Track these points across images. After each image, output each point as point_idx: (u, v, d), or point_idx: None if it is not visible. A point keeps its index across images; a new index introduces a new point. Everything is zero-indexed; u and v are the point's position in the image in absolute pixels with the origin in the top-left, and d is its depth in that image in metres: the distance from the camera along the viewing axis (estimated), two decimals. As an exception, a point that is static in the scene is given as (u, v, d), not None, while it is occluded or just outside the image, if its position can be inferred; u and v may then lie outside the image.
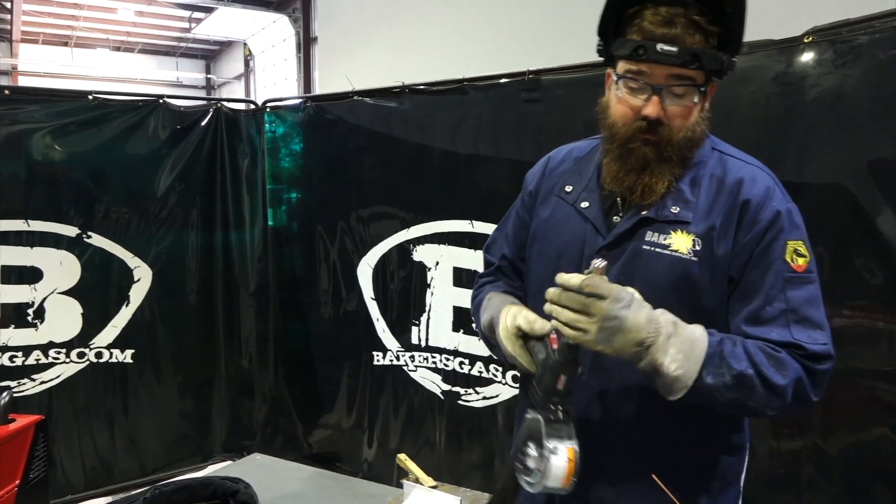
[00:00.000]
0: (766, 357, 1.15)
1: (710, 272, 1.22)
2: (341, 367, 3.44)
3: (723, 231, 1.23)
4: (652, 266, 1.24)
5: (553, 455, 1.09)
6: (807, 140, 2.04)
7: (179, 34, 15.86)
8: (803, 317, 1.19)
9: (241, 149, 3.66)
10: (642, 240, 1.26)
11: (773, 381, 1.13)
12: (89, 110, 3.29)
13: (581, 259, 1.32)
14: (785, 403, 1.16)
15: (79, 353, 3.30)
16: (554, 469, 1.09)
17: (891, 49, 1.87)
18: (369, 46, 8.41)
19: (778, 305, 1.19)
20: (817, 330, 1.19)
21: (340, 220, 3.36)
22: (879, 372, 1.95)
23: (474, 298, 1.55)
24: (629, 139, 1.24)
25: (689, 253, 1.22)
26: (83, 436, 3.34)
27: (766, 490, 2.19)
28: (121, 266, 3.37)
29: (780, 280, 1.19)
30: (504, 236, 1.55)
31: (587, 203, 1.34)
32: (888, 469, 1.94)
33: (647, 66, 1.19)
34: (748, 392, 1.14)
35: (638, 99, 1.22)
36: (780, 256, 1.20)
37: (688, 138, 1.23)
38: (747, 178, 1.25)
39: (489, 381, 2.91)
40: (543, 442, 1.11)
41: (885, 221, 1.88)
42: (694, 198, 1.25)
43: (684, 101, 1.21)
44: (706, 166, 1.28)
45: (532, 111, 2.68)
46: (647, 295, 1.22)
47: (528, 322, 1.24)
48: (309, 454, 3.51)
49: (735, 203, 1.23)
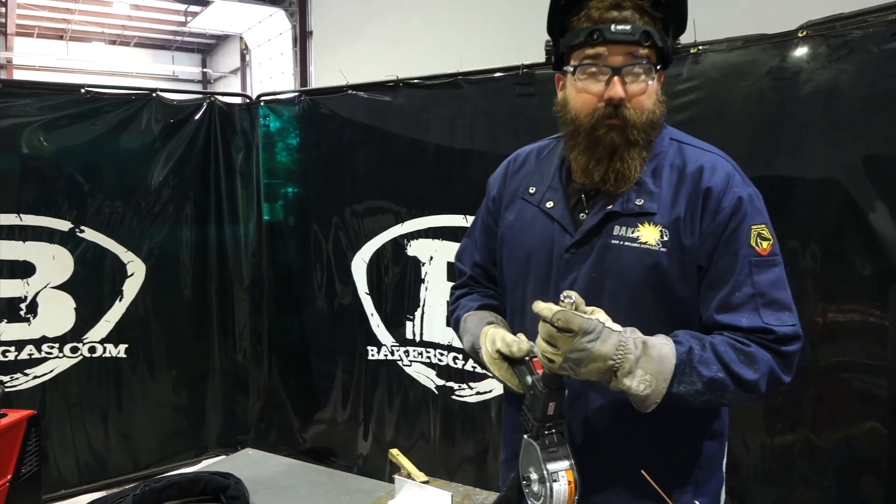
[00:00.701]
0: (736, 354, 1.16)
1: (679, 262, 1.23)
2: (336, 362, 3.44)
3: (688, 220, 1.23)
4: (622, 260, 1.25)
5: (555, 482, 1.13)
6: (801, 135, 2.04)
7: (175, 28, 15.79)
8: (771, 300, 1.20)
9: (235, 143, 3.65)
10: (611, 234, 1.26)
11: (746, 378, 1.15)
12: (82, 104, 3.28)
13: (551, 260, 1.32)
14: (759, 394, 1.18)
15: (72, 347, 3.30)
16: (556, 495, 1.13)
17: (884, 43, 1.86)
18: (365, 40, 8.38)
19: (746, 290, 1.20)
20: (785, 311, 1.21)
21: (335, 214, 3.35)
22: (870, 366, 1.95)
23: (451, 314, 1.55)
24: (594, 128, 1.23)
25: (657, 244, 1.23)
26: (76, 431, 3.34)
27: (759, 485, 2.20)
28: (114, 260, 3.36)
29: (746, 265, 1.21)
30: (473, 243, 1.55)
31: (552, 203, 1.34)
32: (878, 463, 1.95)
33: (605, 49, 1.20)
34: (721, 392, 1.16)
35: (598, 84, 1.22)
36: (745, 242, 1.21)
37: (650, 120, 1.24)
38: (707, 166, 1.26)
39: (482, 376, 2.91)
40: (543, 468, 1.14)
41: (878, 217, 1.88)
42: (657, 189, 1.26)
43: (642, 81, 1.22)
44: (666, 157, 1.29)
45: (526, 105, 2.67)
46: (618, 289, 1.25)
47: (507, 345, 1.25)
48: (304, 449, 3.52)
49: (697, 191, 1.24)
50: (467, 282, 1.55)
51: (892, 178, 1.86)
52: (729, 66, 2.19)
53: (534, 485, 1.16)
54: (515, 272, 1.39)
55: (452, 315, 1.53)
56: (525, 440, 1.19)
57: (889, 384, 1.92)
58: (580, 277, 1.28)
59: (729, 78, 2.18)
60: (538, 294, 1.32)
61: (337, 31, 9.46)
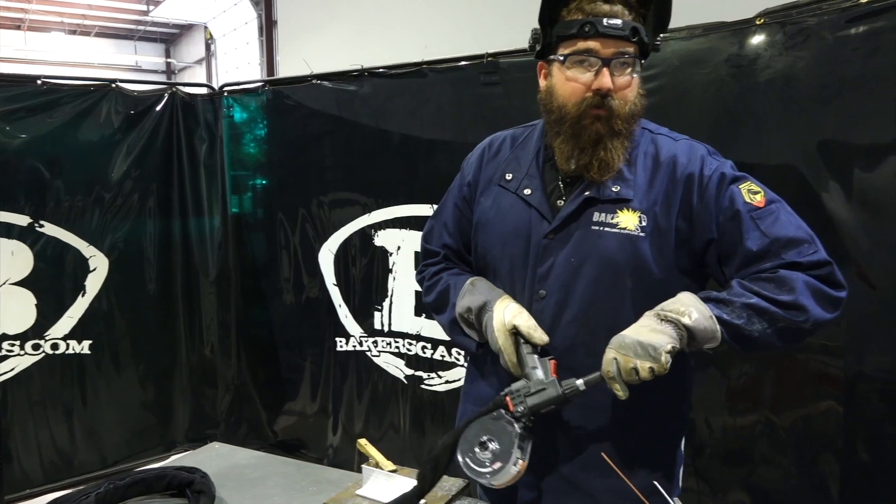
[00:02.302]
0: (763, 283, 1.21)
1: (657, 246, 1.28)
2: (304, 354, 3.43)
3: (665, 207, 1.29)
4: (603, 245, 1.29)
5: (513, 466, 1.19)
6: (759, 121, 2.07)
7: (137, 17, 15.46)
8: (786, 240, 1.24)
9: (199, 134, 3.59)
10: (590, 220, 1.30)
11: (782, 300, 1.18)
12: (39, 96, 3.19)
13: (528, 246, 1.35)
14: (812, 313, 1.19)
15: (33, 345, 3.23)
16: (506, 476, 1.19)
17: (838, 31, 1.90)
18: (331, 29, 8.30)
19: (761, 241, 1.24)
20: (804, 244, 1.24)
21: (301, 205, 3.32)
22: (827, 347, 2.00)
23: (433, 282, 1.54)
24: (580, 116, 1.28)
25: (637, 229, 1.28)
26: (40, 429, 3.28)
27: (721, 465, 2.25)
28: (75, 255, 3.30)
29: (750, 220, 1.25)
30: (443, 226, 1.56)
31: (529, 190, 1.38)
32: (835, 440, 2.00)
33: (596, 41, 1.24)
34: (770, 317, 1.19)
35: (587, 74, 1.26)
36: (742, 202, 1.26)
37: (632, 112, 1.29)
38: (681, 153, 1.32)
39: (451, 364, 2.92)
40: (512, 451, 1.19)
41: (832, 201, 1.92)
42: (631, 176, 1.31)
43: (628, 74, 1.27)
44: (639, 146, 1.35)
45: (491, 94, 2.67)
46: (599, 273, 1.28)
47: (528, 327, 1.28)
48: (274, 442, 3.50)
49: (674, 181, 1.29)
50: (440, 259, 1.56)
51: (846, 163, 1.91)
52: (689, 53, 2.21)
53: (486, 453, 1.20)
54: (491, 257, 1.42)
55: (434, 284, 1.53)
56: (503, 415, 1.23)
57: (844, 364, 1.98)
58: (557, 262, 1.32)
59: (689, 65, 2.21)
60: (515, 279, 1.37)
61: (303, 20, 9.35)
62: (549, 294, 1.33)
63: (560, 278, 1.31)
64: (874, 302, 1.89)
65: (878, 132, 1.84)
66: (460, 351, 2.88)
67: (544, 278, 1.33)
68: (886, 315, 1.87)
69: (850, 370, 1.97)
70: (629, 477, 1.17)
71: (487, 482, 1.20)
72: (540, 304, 1.33)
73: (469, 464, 1.21)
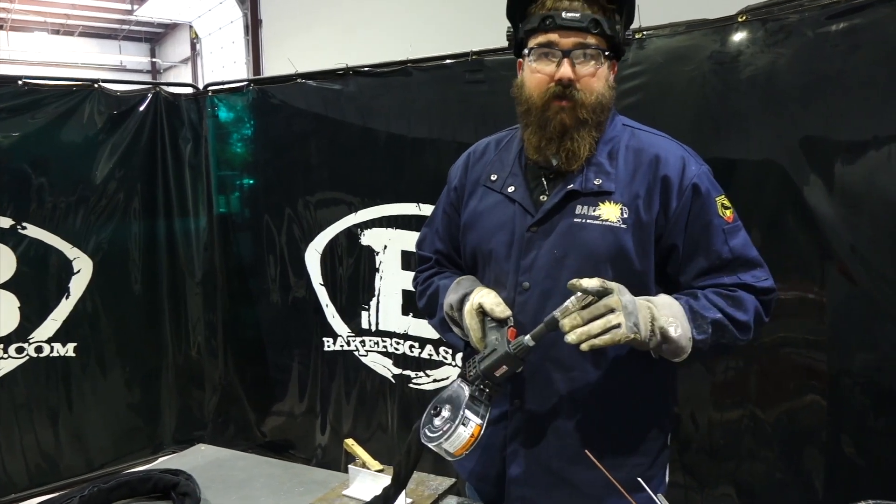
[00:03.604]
0: (725, 300, 1.28)
1: (639, 238, 1.31)
2: (292, 354, 3.41)
3: (646, 200, 1.32)
4: (586, 237, 1.32)
5: (462, 425, 1.16)
6: (742, 117, 2.08)
7: (122, 16, 15.33)
8: (745, 260, 1.32)
9: (183, 134, 3.57)
10: (573, 213, 1.33)
11: (740, 320, 1.27)
12: (20, 96, 3.16)
13: (512, 240, 1.38)
14: (751, 335, 1.30)
15: (17, 348, 3.20)
16: (456, 436, 1.16)
17: (818, 28, 1.91)
18: (317, 28, 8.27)
19: (725, 256, 1.31)
20: (758, 268, 1.34)
21: (287, 205, 3.31)
22: (810, 341, 2.02)
23: (425, 286, 1.58)
24: (545, 107, 1.31)
25: (618, 221, 1.31)
26: (25, 433, 3.25)
27: (707, 460, 2.26)
28: (59, 257, 3.27)
29: (720, 233, 1.31)
30: (434, 232, 1.61)
31: (513, 187, 1.41)
32: (819, 433, 2.02)
33: (556, 34, 1.29)
34: (723, 333, 1.27)
35: (550, 65, 1.30)
36: (715, 213, 1.32)
37: (599, 102, 1.31)
38: (662, 152, 1.35)
39: (439, 363, 2.92)
40: (460, 411, 1.17)
41: (814, 196, 1.94)
42: (613, 169, 1.35)
43: (592, 64, 1.30)
44: (621, 140, 1.38)
45: (476, 92, 2.67)
46: (581, 264, 1.31)
47: (492, 304, 1.31)
48: (262, 443, 3.49)
49: (655, 177, 1.32)
50: (433, 265, 1.61)
51: (828, 159, 1.92)
52: (672, 50, 2.22)
53: (438, 419, 1.19)
54: (479, 253, 1.45)
55: (427, 287, 1.57)
56: (458, 381, 1.24)
57: (828, 358, 1.99)
58: (541, 254, 1.34)
59: (672, 62, 2.22)
60: (499, 272, 1.39)
61: (288, 19, 9.32)
62: (532, 286, 1.34)
63: (543, 270, 1.33)
64: (856, 297, 1.90)
65: (858, 128, 1.85)
66: (448, 349, 2.88)
67: (528, 270, 1.35)
68: (868, 310, 1.89)
69: (833, 365, 1.98)
70: (615, 471, 1.18)
71: (442, 450, 1.17)
72: (524, 295, 1.35)
73: (426, 433, 1.19)
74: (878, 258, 1.85)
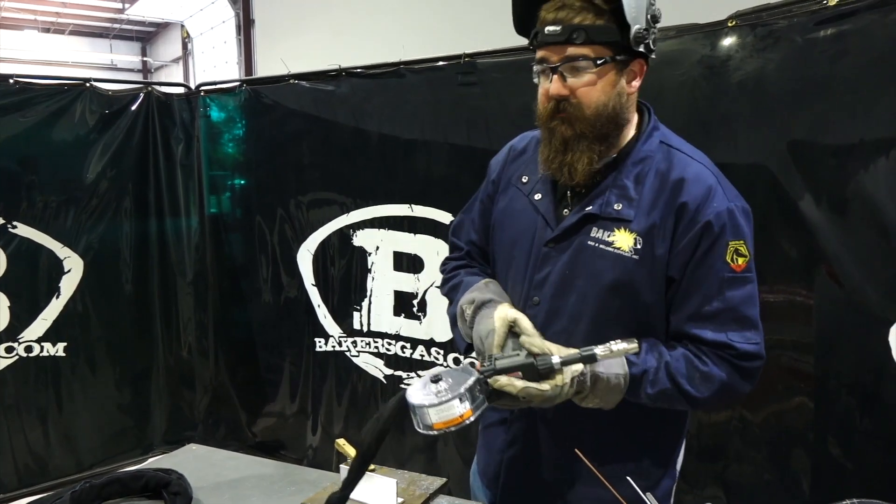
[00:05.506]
0: (690, 372, 1.23)
1: (649, 269, 1.26)
2: (283, 355, 3.41)
3: (661, 229, 1.25)
4: (595, 262, 1.28)
5: (458, 401, 1.12)
6: (731, 122, 2.10)
7: (113, 15, 15.24)
8: (739, 316, 1.24)
9: (175, 134, 3.57)
10: (588, 235, 1.29)
11: (692, 395, 1.23)
12: (11, 95, 3.16)
13: (531, 251, 1.36)
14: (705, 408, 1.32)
15: (7, 347, 3.19)
16: (447, 408, 1.12)
17: (807, 33, 1.93)
18: (309, 29, 8.27)
19: (716, 305, 1.23)
20: (751, 329, 1.24)
21: (279, 205, 3.31)
22: (798, 344, 2.04)
23: (450, 276, 1.56)
24: (548, 120, 1.29)
25: (630, 251, 1.26)
26: (14, 433, 3.24)
27: (696, 461, 2.28)
28: (49, 257, 3.26)
29: (718, 280, 1.23)
30: (471, 222, 1.57)
31: (539, 195, 1.38)
32: (806, 435, 2.04)
33: (545, 50, 1.26)
34: (665, 399, 1.25)
35: (547, 82, 1.28)
36: (720, 258, 1.23)
37: (598, 113, 1.26)
38: (690, 178, 1.26)
39: (431, 364, 2.93)
40: (461, 388, 1.13)
41: (802, 200, 1.96)
42: (637, 195, 1.28)
43: (584, 76, 1.24)
44: (653, 161, 1.30)
45: (468, 94, 2.68)
46: (588, 289, 1.28)
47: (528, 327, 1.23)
48: (253, 443, 3.48)
49: (673, 204, 1.25)
50: (463, 256, 1.58)
51: (816, 163, 1.94)
52: (662, 54, 2.21)
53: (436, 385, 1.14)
54: (501, 258, 1.44)
55: (451, 278, 1.54)
56: (468, 364, 1.21)
57: (815, 360, 2.01)
58: (554, 272, 1.32)
59: (663, 67, 2.22)
60: (516, 282, 1.39)
61: (280, 19, 9.31)
62: (541, 301, 1.33)
63: (553, 287, 1.31)
64: (842, 300, 1.92)
65: (846, 133, 1.87)
66: (440, 350, 2.89)
67: (540, 286, 1.33)
68: (854, 313, 1.91)
69: (820, 367, 2.00)
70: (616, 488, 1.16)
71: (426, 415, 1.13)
72: (533, 310, 1.33)
73: (416, 392, 1.15)
74: (865, 261, 1.87)
